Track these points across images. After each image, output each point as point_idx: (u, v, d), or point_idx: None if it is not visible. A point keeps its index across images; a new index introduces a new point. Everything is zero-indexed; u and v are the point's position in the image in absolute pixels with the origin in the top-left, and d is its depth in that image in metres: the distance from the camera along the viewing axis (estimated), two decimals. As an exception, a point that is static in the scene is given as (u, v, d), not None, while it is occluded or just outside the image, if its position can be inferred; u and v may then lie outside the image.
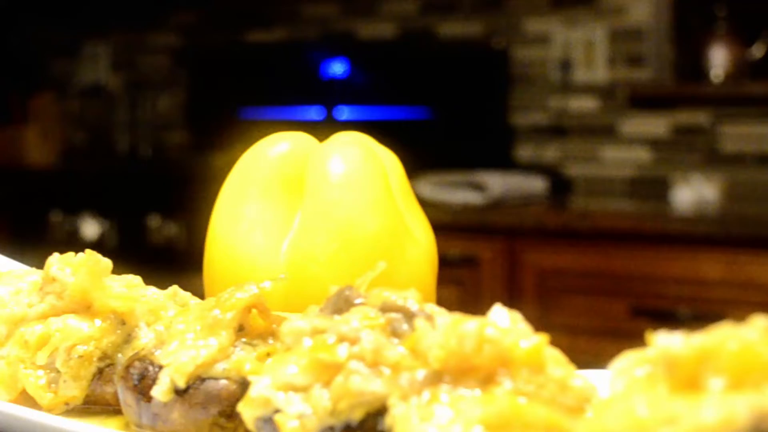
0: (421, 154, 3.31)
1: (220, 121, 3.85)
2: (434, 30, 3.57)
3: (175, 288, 0.67)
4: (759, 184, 3.11)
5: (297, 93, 3.72)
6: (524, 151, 3.42)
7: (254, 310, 0.58)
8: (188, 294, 0.67)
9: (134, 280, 0.65)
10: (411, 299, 0.53)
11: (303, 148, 0.80)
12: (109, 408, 0.62)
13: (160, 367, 0.57)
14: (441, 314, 0.53)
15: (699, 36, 3.27)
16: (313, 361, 0.50)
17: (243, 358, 0.57)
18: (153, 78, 4.07)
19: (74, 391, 0.61)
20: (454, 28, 3.54)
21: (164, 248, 3.12)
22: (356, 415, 0.49)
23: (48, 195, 3.45)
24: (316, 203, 0.76)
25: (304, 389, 0.50)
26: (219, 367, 0.56)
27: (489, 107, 3.43)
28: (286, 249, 0.75)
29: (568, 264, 2.74)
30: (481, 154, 3.35)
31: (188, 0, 3.97)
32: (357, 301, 0.54)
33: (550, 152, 3.40)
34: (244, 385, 0.56)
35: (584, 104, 3.35)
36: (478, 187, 2.89)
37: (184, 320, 0.58)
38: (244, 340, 0.58)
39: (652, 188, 3.24)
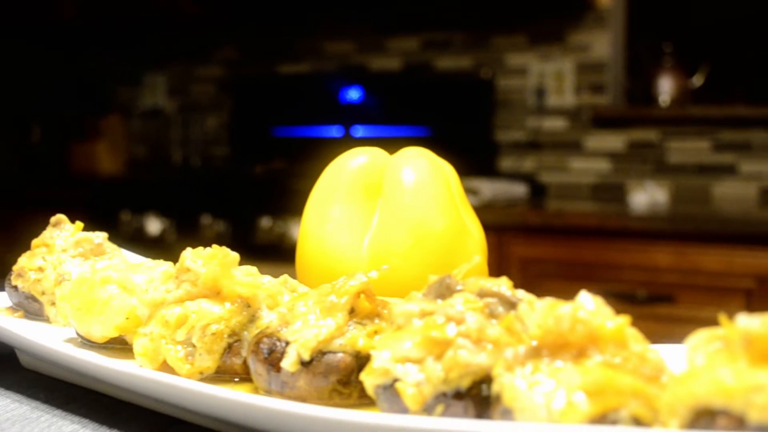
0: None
1: (257, 138, 3.85)
2: (432, 63, 3.56)
3: (285, 276, 0.65)
4: (699, 189, 3.12)
5: (320, 115, 3.72)
6: (506, 163, 3.42)
7: (362, 295, 0.57)
8: (296, 282, 0.66)
9: (252, 270, 0.64)
10: (504, 286, 0.52)
11: (378, 159, 0.79)
12: (237, 377, 0.61)
13: (287, 343, 0.56)
14: (527, 298, 0.52)
15: (649, 68, 3.27)
16: (426, 338, 0.49)
17: (356, 335, 0.55)
18: (201, 102, 4.06)
19: (208, 362, 0.60)
20: (448, 62, 3.53)
21: (215, 242, 3.10)
22: (465, 383, 0.48)
23: (117, 198, 3.44)
24: (392, 206, 0.75)
25: (418, 361, 0.49)
26: (336, 343, 0.55)
27: (477, 126, 3.42)
28: (368, 244, 0.74)
29: (545, 254, 2.73)
30: (471, 165, 3.33)
31: (230, 39, 3.96)
32: (458, 287, 0.53)
33: (528, 163, 3.39)
34: (357, 357, 0.55)
35: (555, 124, 3.35)
36: (472, 192, 2.88)
37: (305, 304, 0.57)
38: (355, 320, 0.57)
39: (612, 193, 3.23)
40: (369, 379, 0.50)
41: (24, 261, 0.76)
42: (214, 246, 0.63)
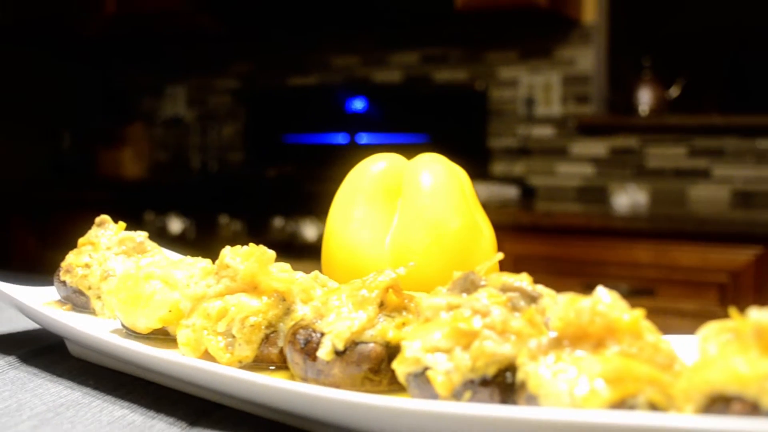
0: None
1: (269, 145, 3.85)
2: (431, 76, 3.56)
3: (316, 272, 0.65)
4: (676, 191, 3.11)
5: (327, 123, 3.71)
6: (499, 167, 3.41)
7: (391, 290, 0.57)
8: (326, 277, 0.65)
9: (286, 266, 0.63)
10: (525, 281, 0.52)
11: (396, 164, 0.78)
12: (273, 365, 0.61)
13: (322, 334, 0.55)
14: (547, 292, 0.52)
15: (629, 80, 3.26)
16: (454, 329, 0.49)
17: (385, 327, 0.55)
18: (218, 112, 4.05)
19: (247, 352, 0.59)
20: (445, 75, 3.52)
21: (232, 240, 3.09)
22: (490, 371, 0.48)
23: (141, 199, 3.42)
24: (411, 207, 0.74)
25: (447, 351, 0.49)
26: (368, 334, 0.55)
27: (472, 134, 3.42)
28: (389, 243, 0.74)
29: (535, 252, 2.72)
30: (466, 169, 3.32)
31: (245, 54, 3.95)
32: (482, 283, 0.52)
33: (519, 168, 3.39)
34: (387, 347, 0.55)
35: (543, 132, 3.34)
36: (468, 194, 2.87)
37: (338, 298, 0.57)
38: (384, 313, 0.56)
39: (596, 195, 3.23)
40: (401, 368, 0.50)
41: (72, 258, 0.76)
42: (251, 244, 0.63)
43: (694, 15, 3.89)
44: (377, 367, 0.54)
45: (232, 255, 0.62)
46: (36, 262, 3.39)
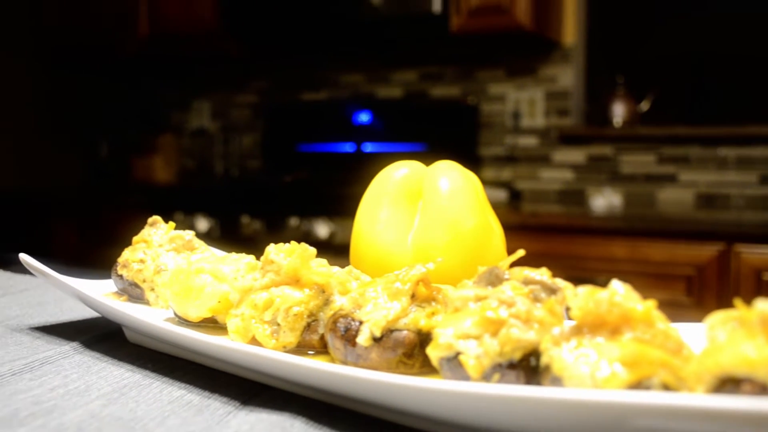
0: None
1: (284, 153, 3.84)
2: (428, 92, 3.55)
3: (350, 267, 0.64)
4: (646, 194, 3.11)
5: (336, 134, 3.70)
6: (488, 173, 3.41)
7: (421, 283, 0.56)
8: (359, 271, 0.65)
9: (323, 262, 0.63)
10: (544, 275, 0.51)
11: (417, 170, 0.78)
12: (313, 350, 0.60)
13: (361, 322, 0.55)
14: (565, 284, 0.51)
15: (605, 96, 3.26)
16: (483, 318, 0.48)
17: (417, 316, 0.54)
18: (239, 124, 4.05)
19: (291, 338, 0.59)
20: (441, 91, 3.52)
21: (252, 237, 3.09)
22: (516, 356, 0.47)
23: (171, 201, 3.42)
24: (431, 208, 0.74)
25: (477, 337, 0.48)
26: (402, 322, 0.54)
27: (464, 143, 3.41)
28: (411, 241, 0.73)
29: (523, 248, 2.70)
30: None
31: (262, 73, 3.95)
32: (505, 276, 0.52)
33: (506, 173, 3.38)
34: (419, 334, 0.54)
35: (528, 141, 3.34)
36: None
37: (374, 290, 0.56)
38: (415, 303, 0.56)
39: (575, 197, 3.23)
40: (435, 353, 0.50)
41: (128, 254, 0.75)
42: (293, 242, 0.62)
43: (661, 39, 3.89)
44: (410, 351, 0.54)
45: (276, 251, 0.61)
46: (77, 257, 3.38)
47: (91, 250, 3.37)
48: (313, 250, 0.61)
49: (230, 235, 3.15)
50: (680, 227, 2.52)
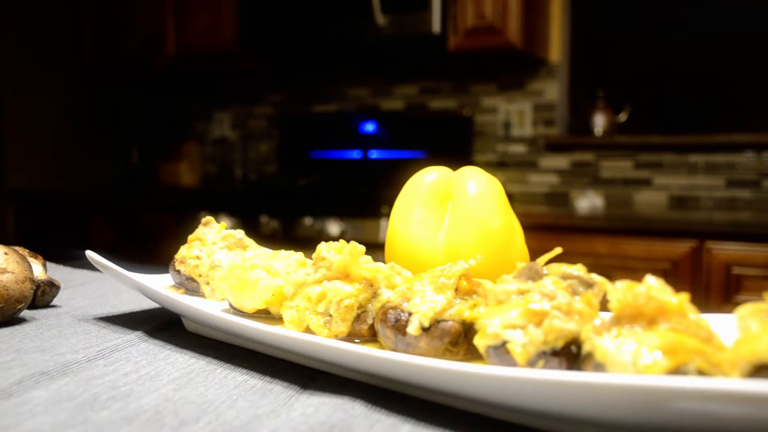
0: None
1: (298, 159, 3.83)
2: (427, 104, 3.55)
3: (393, 263, 0.63)
4: (624, 196, 3.11)
5: (344, 142, 3.69)
6: (482, 177, 3.40)
7: (463, 277, 0.55)
8: (400, 267, 0.64)
9: (368, 258, 0.62)
10: (581, 271, 0.51)
11: (445, 175, 0.77)
12: (362, 339, 0.59)
13: (410, 314, 0.54)
14: (600, 279, 0.51)
15: (587, 108, 3.26)
16: (527, 310, 0.48)
17: (461, 308, 0.54)
18: (257, 133, 4.03)
19: (342, 328, 0.58)
20: (439, 103, 3.51)
21: (270, 235, 3.08)
22: (559, 344, 0.46)
23: (196, 202, 3.40)
24: (461, 209, 0.73)
25: (522, 327, 0.47)
26: (448, 313, 0.53)
27: (460, 150, 3.41)
28: (443, 238, 0.72)
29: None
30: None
31: (278, 87, 3.94)
32: (545, 271, 0.51)
33: (498, 178, 3.33)
34: (463, 324, 0.53)
35: (518, 149, 3.33)
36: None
37: (420, 284, 0.55)
38: (458, 296, 0.55)
39: (561, 199, 3.22)
40: (482, 341, 0.49)
41: (184, 251, 0.74)
42: (341, 240, 0.61)
43: (636, 57, 3.90)
44: (456, 340, 0.53)
45: (327, 249, 0.61)
46: (113, 252, 3.36)
47: (126, 246, 3.35)
48: (362, 248, 0.60)
49: (251, 233, 3.13)
50: (657, 226, 2.52)
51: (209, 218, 0.76)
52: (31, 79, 3.88)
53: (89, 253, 0.73)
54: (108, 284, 0.95)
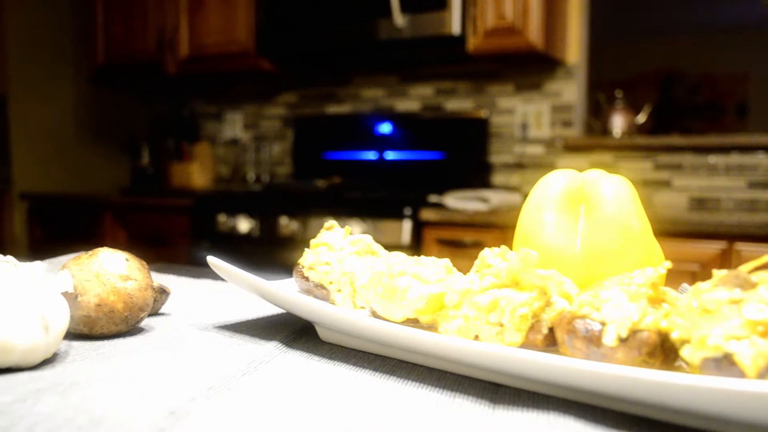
0: (437, 181, 3.28)
1: (312, 160, 3.79)
2: (443, 105, 3.53)
3: (554, 270, 0.61)
4: (643, 198, 3.03)
5: (360, 143, 3.66)
6: (498, 179, 3.39)
7: (651, 285, 0.53)
8: (560, 274, 0.61)
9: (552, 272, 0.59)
10: (798, 279, 0.48)
11: (574, 178, 0.75)
12: (537, 348, 0.57)
13: (602, 323, 0.51)
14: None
15: (606, 109, 3.26)
16: (748, 321, 0.45)
17: (657, 318, 0.51)
18: (269, 134, 3.99)
19: (516, 338, 0.55)
20: (455, 104, 3.49)
21: (290, 237, 3.04)
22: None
23: (211, 204, 3.35)
24: (598, 213, 0.70)
25: (746, 338, 0.45)
26: (643, 323, 0.51)
27: (477, 152, 3.39)
28: (580, 245, 0.70)
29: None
30: (472, 180, 3.31)
31: (291, 87, 3.90)
32: (753, 279, 0.49)
33: (515, 179, 3.37)
34: (659, 335, 0.51)
35: (535, 150, 3.32)
36: (483, 200, 2.84)
37: (608, 292, 0.53)
38: (650, 305, 0.52)
39: (579, 200, 3.21)
40: (700, 353, 0.46)
41: (312, 257, 0.71)
42: (503, 246, 0.59)
43: (652, 60, 3.91)
44: (653, 351, 0.50)
45: (492, 256, 0.58)
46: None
47: (138, 245, 3.30)
48: (535, 255, 0.57)
49: (270, 234, 3.10)
50: (683, 228, 2.51)
51: (333, 222, 0.73)
52: (40, 81, 3.82)
53: (211, 259, 0.69)
54: (194, 288, 0.91)
